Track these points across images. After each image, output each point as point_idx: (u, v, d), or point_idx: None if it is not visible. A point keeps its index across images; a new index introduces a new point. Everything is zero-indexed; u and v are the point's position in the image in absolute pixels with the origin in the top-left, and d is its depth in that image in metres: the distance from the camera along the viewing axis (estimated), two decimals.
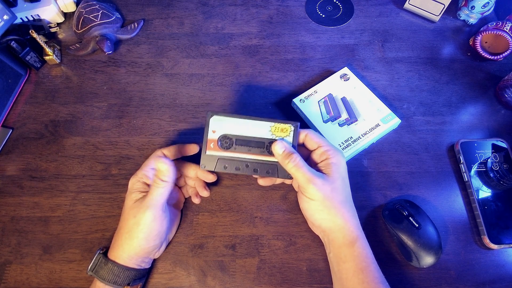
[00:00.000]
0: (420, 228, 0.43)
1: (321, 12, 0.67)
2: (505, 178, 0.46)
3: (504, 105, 0.55)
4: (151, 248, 0.41)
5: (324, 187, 0.38)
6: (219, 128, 0.43)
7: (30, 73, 0.59)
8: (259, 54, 0.61)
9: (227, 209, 0.48)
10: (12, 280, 0.43)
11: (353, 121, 0.52)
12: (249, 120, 0.43)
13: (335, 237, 0.40)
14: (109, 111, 0.56)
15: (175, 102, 0.56)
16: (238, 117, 0.43)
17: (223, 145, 0.43)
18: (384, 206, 0.47)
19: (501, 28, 0.55)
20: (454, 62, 0.60)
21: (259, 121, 0.43)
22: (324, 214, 0.39)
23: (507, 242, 0.44)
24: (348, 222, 0.40)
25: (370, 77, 0.58)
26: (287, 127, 0.42)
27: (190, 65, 0.60)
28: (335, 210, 0.39)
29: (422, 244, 0.42)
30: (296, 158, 0.39)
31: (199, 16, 0.66)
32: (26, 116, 0.55)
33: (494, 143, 0.50)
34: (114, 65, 0.60)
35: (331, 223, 0.39)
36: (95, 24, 0.60)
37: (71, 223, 0.47)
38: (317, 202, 0.39)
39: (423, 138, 0.53)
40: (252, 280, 0.43)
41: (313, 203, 0.39)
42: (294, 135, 0.42)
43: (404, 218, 0.44)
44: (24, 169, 0.51)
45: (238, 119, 0.43)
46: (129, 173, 0.50)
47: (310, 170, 0.39)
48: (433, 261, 0.42)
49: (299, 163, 0.39)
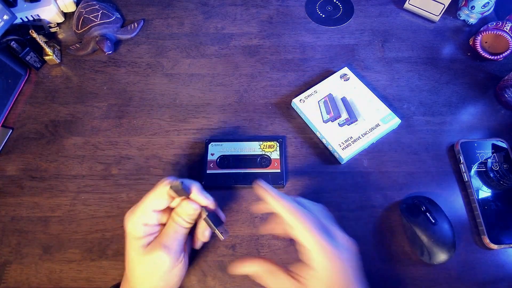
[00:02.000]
0: (436, 224, 0.43)
1: (321, 12, 0.67)
2: (505, 178, 0.46)
3: (504, 105, 0.55)
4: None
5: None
6: (217, 151, 0.50)
7: (30, 73, 0.59)
8: (259, 54, 0.61)
9: (227, 209, 0.48)
10: (12, 280, 0.43)
11: (353, 121, 0.52)
12: (241, 142, 0.51)
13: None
14: (109, 111, 0.56)
15: (175, 102, 0.56)
16: (231, 140, 0.51)
17: (221, 165, 0.49)
18: (402, 200, 0.47)
19: (501, 28, 0.55)
20: (454, 62, 0.60)
21: (250, 142, 0.51)
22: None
23: (507, 242, 0.44)
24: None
25: (370, 77, 0.58)
26: (274, 143, 0.51)
27: (190, 65, 0.60)
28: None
29: (436, 240, 0.42)
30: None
31: (199, 16, 0.66)
32: (26, 116, 0.55)
33: (494, 143, 0.50)
34: (114, 65, 0.60)
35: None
36: (95, 24, 0.60)
37: (71, 223, 0.47)
38: None
39: (423, 138, 0.53)
40: (252, 280, 0.43)
41: None
42: (281, 149, 0.50)
43: (421, 213, 0.44)
44: (24, 169, 0.51)
45: (232, 142, 0.51)
46: (129, 173, 0.50)
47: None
48: (445, 259, 0.42)
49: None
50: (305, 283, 0.31)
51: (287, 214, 0.33)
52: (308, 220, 0.32)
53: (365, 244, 0.45)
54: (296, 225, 0.32)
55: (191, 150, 0.52)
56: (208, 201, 0.38)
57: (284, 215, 0.33)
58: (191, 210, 0.36)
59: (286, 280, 0.32)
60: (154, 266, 0.35)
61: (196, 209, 0.36)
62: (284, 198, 0.34)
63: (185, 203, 0.36)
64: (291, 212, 0.33)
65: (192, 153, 0.52)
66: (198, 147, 0.52)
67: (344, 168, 0.51)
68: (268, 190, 0.35)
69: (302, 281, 0.31)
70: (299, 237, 0.31)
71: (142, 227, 0.36)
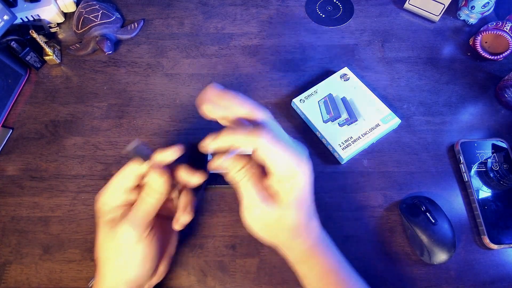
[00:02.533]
0: (436, 224, 0.43)
1: (321, 12, 0.67)
2: (505, 178, 0.46)
3: (504, 105, 0.55)
4: (140, 278, 0.35)
5: (268, 215, 0.32)
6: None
7: (30, 73, 0.59)
8: (259, 54, 0.61)
9: (227, 209, 0.48)
10: (12, 280, 0.43)
11: (353, 121, 0.52)
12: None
13: (287, 255, 0.36)
14: (109, 111, 0.56)
15: (175, 102, 0.56)
16: None
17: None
18: (402, 200, 0.47)
19: (501, 28, 0.55)
20: (454, 62, 0.60)
21: None
22: (265, 235, 0.34)
23: (507, 242, 0.44)
24: (295, 238, 0.34)
25: (370, 77, 0.58)
26: None
27: (190, 65, 0.60)
28: (278, 233, 0.34)
29: (436, 240, 0.42)
30: (249, 171, 0.32)
31: (199, 16, 0.66)
32: (26, 116, 0.55)
33: (494, 143, 0.50)
34: (114, 65, 0.60)
35: (275, 240, 0.35)
36: (95, 24, 0.60)
37: (71, 223, 0.47)
38: (256, 227, 0.34)
39: (423, 138, 0.53)
40: (252, 280, 0.43)
41: (251, 225, 0.34)
42: None
43: (421, 213, 0.44)
44: (24, 169, 0.51)
45: None
46: None
47: (259, 191, 0.32)
48: (445, 259, 0.42)
49: (250, 179, 0.32)
50: (275, 193, 0.32)
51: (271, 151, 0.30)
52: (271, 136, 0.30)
53: (365, 244, 0.45)
54: (279, 159, 0.30)
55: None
56: (170, 154, 0.35)
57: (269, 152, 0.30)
58: (154, 178, 0.34)
59: (260, 186, 0.32)
60: (119, 241, 0.33)
61: (159, 176, 0.34)
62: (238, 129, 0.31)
63: (149, 173, 0.34)
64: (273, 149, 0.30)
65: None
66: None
67: (344, 168, 0.51)
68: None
69: (273, 192, 0.32)
70: (265, 158, 0.30)
71: (111, 205, 0.35)
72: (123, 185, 0.35)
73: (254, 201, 0.32)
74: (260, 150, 0.29)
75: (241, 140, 0.29)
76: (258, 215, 0.32)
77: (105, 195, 0.35)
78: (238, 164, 0.32)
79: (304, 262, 0.36)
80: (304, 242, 0.35)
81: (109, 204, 0.35)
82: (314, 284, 0.36)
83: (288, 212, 0.32)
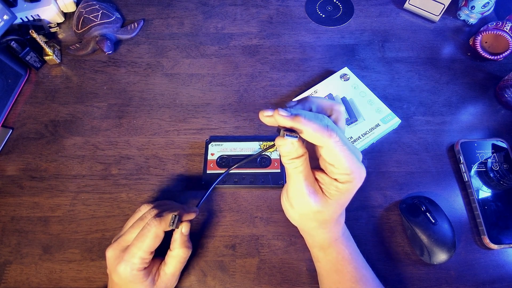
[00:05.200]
0: (436, 224, 0.43)
1: (321, 12, 0.67)
2: (505, 178, 0.46)
3: (504, 105, 0.55)
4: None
5: (311, 206, 0.32)
6: (217, 151, 0.50)
7: (30, 73, 0.59)
8: (259, 54, 0.61)
9: (227, 209, 0.48)
10: (12, 280, 0.43)
11: (353, 121, 0.52)
12: (241, 142, 0.50)
13: (306, 238, 0.39)
14: (109, 111, 0.56)
15: (175, 102, 0.56)
16: (231, 140, 0.51)
17: (221, 164, 0.49)
18: (402, 200, 0.47)
19: (501, 28, 0.55)
20: (454, 62, 0.60)
21: (250, 142, 0.51)
22: (297, 220, 0.36)
23: (507, 242, 0.44)
24: (321, 229, 0.36)
25: (370, 77, 0.58)
26: (274, 143, 0.45)
27: (190, 65, 0.60)
28: (310, 222, 0.35)
29: (436, 240, 0.42)
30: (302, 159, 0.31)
31: (199, 16, 0.66)
32: (26, 116, 0.55)
33: (494, 143, 0.50)
34: (114, 65, 0.60)
35: (302, 225, 0.37)
36: (95, 24, 0.60)
37: (71, 223, 0.47)
38: (292, 213, 0.35)
39: (423, 138, 0.53)
40: (252, 280, 0.43)
41: (289, 211, 0.35)
42: None
43: (421, 213, 0.44)
44: (24, 169, 0.51)
45: (232, 142, 0.51)
46: (129, 173, 0.50)
47: (311, 182, 0.32)
48: (445, 259, 0.42)
49: (303, 165, 0.31)
50: (325, 190, 0.32)
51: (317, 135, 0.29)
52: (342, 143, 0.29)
53: (365, 244, 0.45)
54: (346, 156, 0.29)
55: (191, 150, 0.52)
56: (194, 214, 0.41)
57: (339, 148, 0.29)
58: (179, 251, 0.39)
59: (313, 178, 0.32)
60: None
61: (188, 250, 0.40)
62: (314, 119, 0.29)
63: (183, 248, 0.39)
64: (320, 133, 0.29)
65: (192, 153, 0.52)
66: (198, 147, 0.52)
67: None
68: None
69: (322, 187, 0.32)
70: (328, 156, 0.29)
71: (143, 271, 0.37)
72: (153, 247, 0.37)
73: (300, 192, 0.32)
74: (326, 148, 0.29)
75: (312, 132, 0.28)
76: (300, 205, 0.33)
77: (134, 261, 0.36)
78: (297, 151, 0.30)
79: (322, 249, 0.38)
80: (328, 233, 0.37)
81: (141, 267, 0.37)
82: (326, 268, 0.38)
83: (329, 209, 0.33)
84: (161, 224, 0.37)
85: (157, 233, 0.36)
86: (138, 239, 0.36)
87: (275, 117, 0.28)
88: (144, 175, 0.50)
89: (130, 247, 0.36)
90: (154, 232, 0.36)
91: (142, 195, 0.49)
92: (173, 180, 0.50)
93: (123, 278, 0.36)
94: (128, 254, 0.36)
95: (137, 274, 0.36)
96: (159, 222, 0.37)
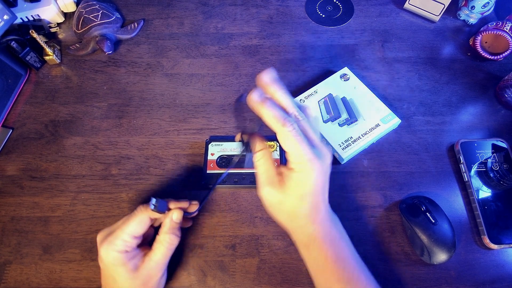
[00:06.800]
0: (436, 224, 0.43)
1: (321, 12, 0.67)
2: (505, 178, 0.46)
3: (504, 105, 0.55)
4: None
5: (271, 197, 0.36)
6: (217, 151, 0.50)
7: (30, 73, 0.59)
8: (259, 54, 0.61)
9: (227, 209, 0.48)
10: (12, 280, 0.43)
11: (353, 121, 0.52)
12: (241, 142, 0.49)
13: (290, 235, 0.39)
14: (109, 111, 0.56)
15: (175, 102, 0.56)
16: (231, 140, 0.51)
17: (221, 164, 0.49)
18: (402, 200, 0.47)
19: (501, 28, 0.55)
20: (454, 62, 0.60)
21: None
22: (271, 212, 0.38)
23: (507, 242, 0.44)
24: (294, 223, 0.37)
25: (370, 77, 0.58)
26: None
27: (190, 65, 0.60)
28: (279, 214, 0.37)
29: (436, 240, 0.42)
30: (267, 153, 0.37)
31: (199, 16, 0.66)
32: (26, 116, 0.55)
33: (494, 143, 0.50)
34: (114, 65, 0.60)
35: (276, 218, 0.38)
36: (95, 24, 0.60)
37: (71, 223, 0.47)
38: (264, 204, 0.37)
39: (423, 138, 0.53)
40: (252, 280, 0.43)
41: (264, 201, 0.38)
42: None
43: (421, 213, 0.44)
44: (24, 169, 0.51)
45: (232, 142, 0.51)
46: (129, 173, 0.50)
47: (270, 174, 0.36)
48: (445, 259, 0.42)
49: (267, 159, 0.36)
50: (284, 180, 0.35)
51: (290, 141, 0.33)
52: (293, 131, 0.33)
53: (365, 244, 0.45)
54: (297, 145, 0.33)
55: (191, 150, 0.52)
56: (186, 203, 0.42)
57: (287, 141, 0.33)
58: (170, 237, 0.39)
59: (273, 170, 0.36)
60: (147, 278, 0.38)
61: (177, 238, 0.40)
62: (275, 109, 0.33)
63: (171, 232, 0.39)
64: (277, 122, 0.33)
65: (192, 153, 0.52)
66: (198, 147, 0.52)
67: (344, 168, 0.51)
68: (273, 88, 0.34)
69: (283, 178, 0.35)
70: (283, 144, 0.33)
71: (124, 254, 0.37)
72: (136, 232, 0.38)
73: (262, 182, 0.36)
74: (279, 135, 0.33)
75: (271, 117, 0.32)
76: (264, 194, 0.36)
77: (117, 243, 0.37)
78: (260, 145, 0.37)
79: (304, 247, 0.38)
80: (304, 228, 0.37)
81: (122, 251, 0.37)
82: (312, 267, 0.38)
83: (289, 199, 0.35)
84: (148, 210, 0.38)
85: (142, 218, 0.38)
86: (123, 222, 0.38)
87: (249, 96, 0.33)
88: (144, 175, 0.50)
89: (115, 230, 0.38)
90: (138, 217, 0.38)
91: (142, 195, 0.49)
92: (173, 180, 0.50)
93: (104, 260, 0.37)
94: (111, 236, 0.37)
95: (117, 255, 0.36)
96: (145, 207, 0.38)
